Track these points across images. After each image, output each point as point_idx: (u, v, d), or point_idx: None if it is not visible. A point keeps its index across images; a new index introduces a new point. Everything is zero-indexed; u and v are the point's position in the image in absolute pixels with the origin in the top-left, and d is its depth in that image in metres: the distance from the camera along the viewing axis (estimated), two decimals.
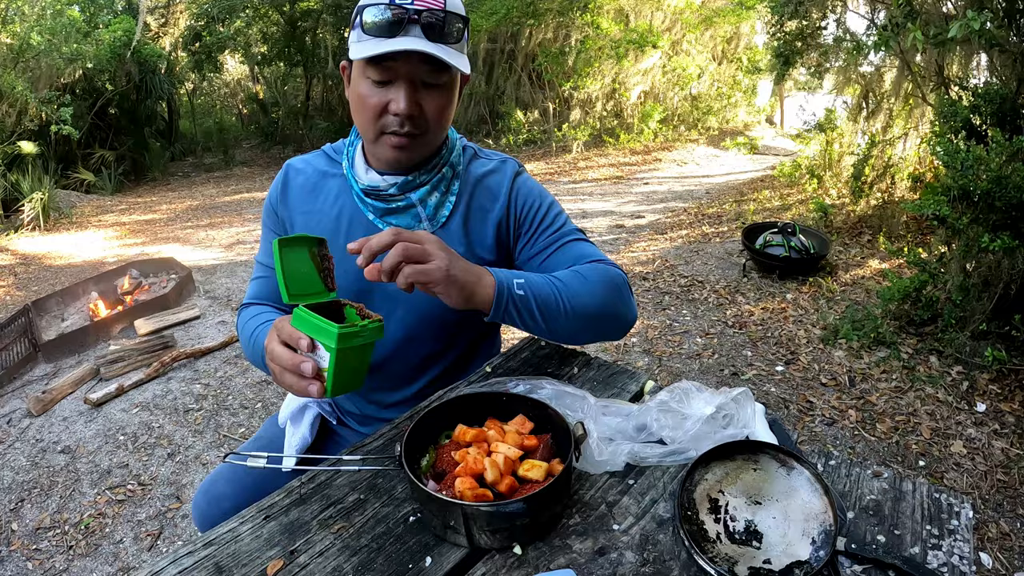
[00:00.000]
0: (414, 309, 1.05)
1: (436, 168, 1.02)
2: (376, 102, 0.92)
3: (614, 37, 8.94)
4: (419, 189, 1.02)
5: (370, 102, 0.92)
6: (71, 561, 2.02)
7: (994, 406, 2.49)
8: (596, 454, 0.80)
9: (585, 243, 1.06)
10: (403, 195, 1.01)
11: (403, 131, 0.93)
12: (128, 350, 3.29)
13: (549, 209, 1.08)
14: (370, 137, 0.97)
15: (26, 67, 7.46)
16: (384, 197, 1.01)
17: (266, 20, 11.70)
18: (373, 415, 1.17)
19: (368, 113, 0.93)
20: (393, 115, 0.92)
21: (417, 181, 1.01)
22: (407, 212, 1.03)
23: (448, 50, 0.89)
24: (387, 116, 0.92)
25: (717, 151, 9.33)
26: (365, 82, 0.92)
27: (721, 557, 0.66)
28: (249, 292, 1.13)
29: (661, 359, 3.15)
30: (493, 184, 1.07)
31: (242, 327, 1.08)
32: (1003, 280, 2.66)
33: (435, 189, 1.03)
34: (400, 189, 1.01)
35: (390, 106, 0.91)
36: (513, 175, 1.08)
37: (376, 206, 1.02)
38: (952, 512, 0.72)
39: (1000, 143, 2.52)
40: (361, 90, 0.93)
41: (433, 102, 0.93)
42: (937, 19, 3.45)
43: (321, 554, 0.70)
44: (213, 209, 7.90)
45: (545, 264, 1.04)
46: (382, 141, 0.96)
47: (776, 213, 5.54)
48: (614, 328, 1.00)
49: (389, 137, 0.94)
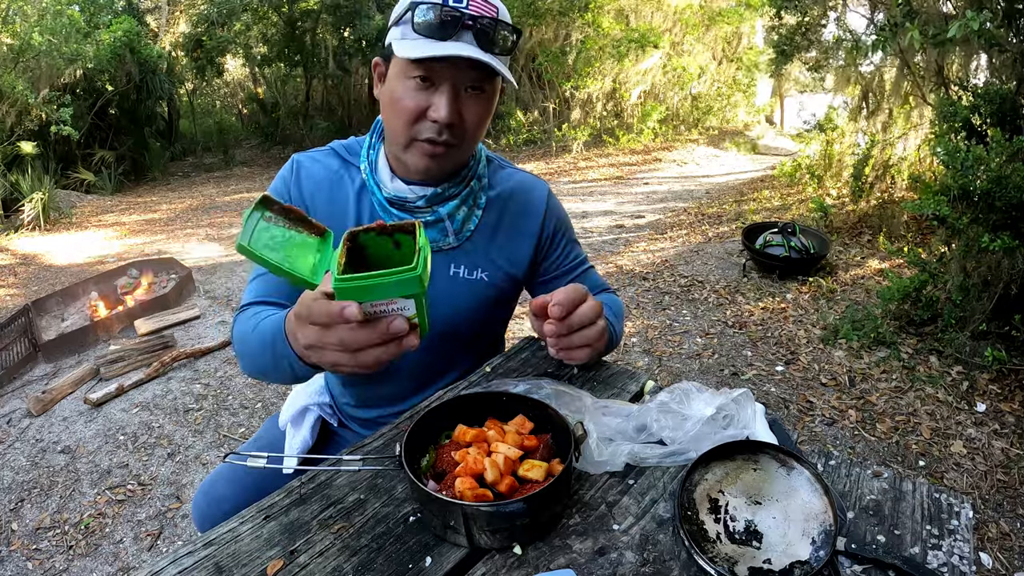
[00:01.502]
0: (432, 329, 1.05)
1: (465, 181, 0.99)
2: (414, 105, 0.87)
3: (614, 37, 8.94)
4: (448, 203, 0.98)
5: (407, 104, 0.87)
6: (71, 561, 2.02)
7: (994, 406, 2.49)
8: (596, 454, 0.80)
9: (594, 269, 1.16)
10: (430, 208, 0.97)
11: (440, 139, 0.88)
12: (128, 350, 3.29)
13: (571, 232, 1.14)
14: (401, 142, 0.91)
15: (26, 67, 7.46)
16: (410, 209, 0.97)
17: (265, 21, 11.70)
18: (376, 418, 1.16)
19: (404, 116, 0.88)
20: (431, 121, 0.87)
21: (446, 194, 0.97)
22: (435, 227, 0.98)
23: (498, 60, 0.86)
24: (424, 122, 0.88)
25: (717, 151, 9.33)
26: (405, 82, 0.87)
27: (721, 557, 0.66)
28: (248, 293, 1.02)
29: (661, 359, 3.15)
30: (528, 200, 1.07)
31: (242, 334, 0.91)
32: (1003, 280, 2.66)
33: (463, 203, 0.99)
34: (428, 202, 0.96)
35: (429, 112, 0.87)
36: (547, 193, 1.10)
37: (401, 217, 0.97)
38: (952, 512, 0.72)
39: (1000, 143, 2.52)
40: (399, 90, 0.87)
41: (474, 111, 0.89)
42: (936, 19, 3.45)
43: (321, 554, 0.70)
44: (213, 209, 7.90)
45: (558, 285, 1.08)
46: (414, 148, 0.91)
47: (776, 213, 5.55)
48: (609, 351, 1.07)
49: (423, 144, 0.90)
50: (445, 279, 1.01)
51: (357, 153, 1.04)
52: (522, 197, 1.07)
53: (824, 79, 6.37)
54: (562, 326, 0.86)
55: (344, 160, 1.03)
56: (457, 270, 1.02)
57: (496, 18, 0.85)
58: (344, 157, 1.03)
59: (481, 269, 1.03)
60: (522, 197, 1.07)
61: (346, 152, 1.04)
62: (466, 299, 1.03)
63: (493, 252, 1.04)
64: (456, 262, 1.02)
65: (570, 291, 0.86)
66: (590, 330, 0.88)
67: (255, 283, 1.00)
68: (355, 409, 1.18)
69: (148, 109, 10.78)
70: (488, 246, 1.03)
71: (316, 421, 1.19)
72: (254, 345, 0.87)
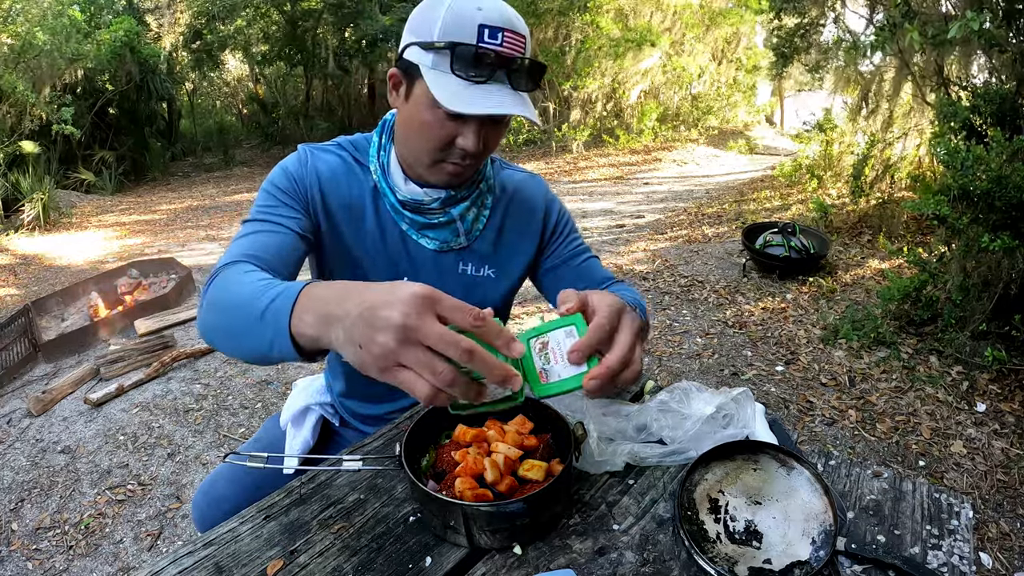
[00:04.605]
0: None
1: (475, 183, 1.03)
2: (445, 135, 0.89)
3: (613, 36, 8.94)
4: (459, 204, 1.01)
5: (437, 133, 0.89)
6: (71, 561, 2.02)
7: (994, 406, 2.49)
8: (596, 454, 0.80)
9: (597, 260, 1.15)
10: (443, 210, 1.00)
11: (465, 164, 0.92)
12: (128, 350, 3.28)
13: (571, 223, 1.15)
14: (426, 162, 0.94)
15: (27, 67, 7.46)
16: (424, 211, 0.99)
17: (267, 19, 11.71)
18: (378, 415, 1.17)
19: (432, 143, 0.90)
20: (459, 149, 0.90)
21: (458, 196, 1.00)
22: (447, 227, 1.02)
23: (526, 98, 0.88)
24: (452, 148, 0.90)
25: (717, 151, 9.33)
26: (434, 111, 0.87)
27: (721, 557, 0.66)
28: (237, 249, 0.85)
29: (661, 359, 3.15)
30: (529, 197, 1.10)
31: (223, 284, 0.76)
32: (1003, 280, 2.66)
33: (473, 204, 1.03)
34: (442, 204, 0.99)
35: (458, 140, 0.89)
36: (545, 188, 1.13)
37: (415, 219, 1.00)
38: (952, 512, 0.72)
39: (1000, 143, 2.52)
40: (427, 117, 0.88)
41: (495, 138, 0.93)
42: (936, 19, 3.46)
43: (321, 554, 0.70)
44: (213, 209, 7.91)
45: (561, 275, 1.10)
46: (438, 168, 0.94)
47: (776, 213, 5.54)
48: None
49: (448, 166, 0.93)
50: (453, 276, 1.05)
51: (365, 151, 1.03)
52: (524, 195, 1.10)
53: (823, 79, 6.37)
54: (608, 385, 0.62)
55: (354, 157, 1.03)
56: (465, 267, 1.06)
57: (525, 56, 0.87)
58: (353, 155, 1.03)
59: (488, 266, 1.07)
60: (524, 195, 1.10)
61: (354, 150, 1.04)
62: (473, 295, 1.05)
63: (499, 249, 1.07)
64: (465, 260, 1.05)
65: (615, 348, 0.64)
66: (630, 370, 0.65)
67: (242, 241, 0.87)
68: (358, 405, 1.18)
69: (148, 109, 10.79)
70: (495, 244, 1.07)
71: (317, 421, 1.19)
72: (233, 299, 0.72)
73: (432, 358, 0.51)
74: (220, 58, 11.97)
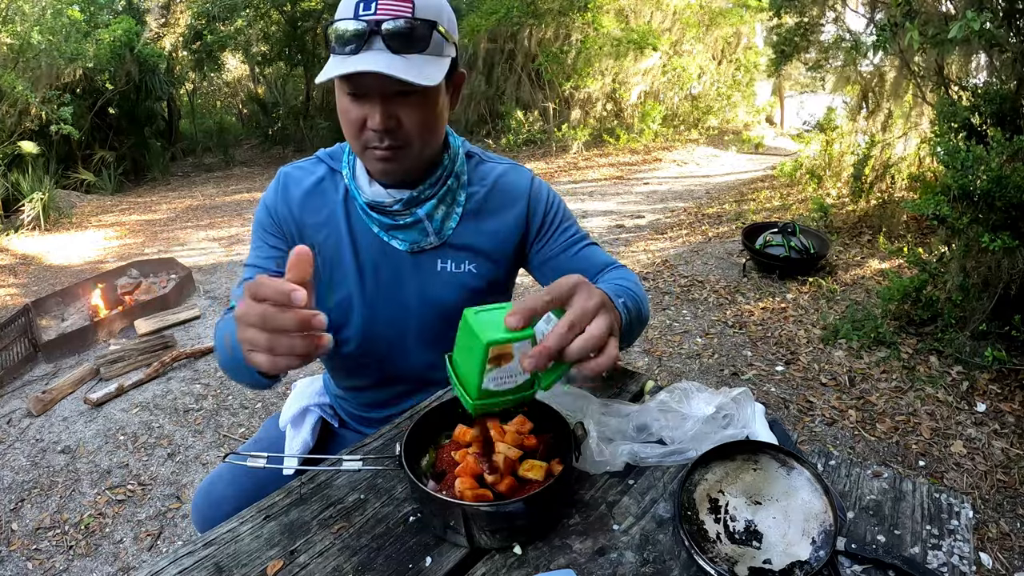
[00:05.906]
0: (428, 326, 1.05)
1: (441, 180, 1.00)
2: (355, 117, 0.89)
3: (614, 36, 8.94)
4: (425, 204, 0.99)
5: (350, 117, 0.89)
6: (71, 561, 2.02)
7: (994, 406, 2.49)
8: (596, 454, 0.80)
9: (597, 247, 1.10)
10: (408, 211, 0.98)
11: (383, 145, 0.90)
12: (128, 350, 3.29)
13: (564, 212, 1.11)
14: (357, 150, 0.94)
15: (26, 67, 7.46)
16: (389, 213, 0.98)
17: (267, 19, 11.70)
18: (375, 419, 1.16)
19: (349, 128, 0.91)
20: (372, 131, 0.89)
21: (423, 196, 0.98)
22: (414, 228, 1.00)
23: (417, 60, 0.84)
24: (366, 131, 0.89)
25: (717, 151, 9.33)
26: (344, 97, 0.89)
27: (721, 557, 0.66)
28: (237, 292, 0.96)
29: (661, 359, 3.15)
30: (510, 187, 1.07)
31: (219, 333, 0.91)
32: (1003, 280, 2.66)
33: (441, 202, 1.01)
34: (405, 205, 0.98)
35: (367, 122, 0.88)
36: (531, 177, 1.10)
37: (382, 221, 0.99)
38: (952, 512, 0.72)
39: (1000, 143, 2.52)
40: (342, 104, 0.90)
41: (412, 113, 0.89)
42: (936, 19, 3.45)
43: (321, 554, 0.70)
44: (213, 209, 7.91)
45: (558, 264, 1.06)
46: (366, 155, 0.93)
47: (776, 213, 5.54)
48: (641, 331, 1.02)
49: (371, 151, 0.92)
50: (432, 275, 1.03)
51: (339, 158, 1.05)
52: (505, 186, 1.07)
53: (824, 79, 6.38)
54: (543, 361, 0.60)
55: (328, 167, 1.05)
56: (445, 265, 1.03)
57: (412, 16, 0.84)
58: (328, 164, 1.05)
59: (468, 261, 1.04)
60: (505, 186, 1.07)
61: (330, 158, 1.06)
62: (456, 292, 1.04)
63: (479, 243, 1.05)
64: (443, 258, 1.03)
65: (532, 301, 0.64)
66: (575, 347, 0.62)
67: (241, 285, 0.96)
68: (356, 408, 1.18)
69: (148, 109, 10.79)
70: (473, 238, 1.04)
71: (317, 422, 1.19)
72: (220, 343, 0.89)
73: (256, 333, 0.61)
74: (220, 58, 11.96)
